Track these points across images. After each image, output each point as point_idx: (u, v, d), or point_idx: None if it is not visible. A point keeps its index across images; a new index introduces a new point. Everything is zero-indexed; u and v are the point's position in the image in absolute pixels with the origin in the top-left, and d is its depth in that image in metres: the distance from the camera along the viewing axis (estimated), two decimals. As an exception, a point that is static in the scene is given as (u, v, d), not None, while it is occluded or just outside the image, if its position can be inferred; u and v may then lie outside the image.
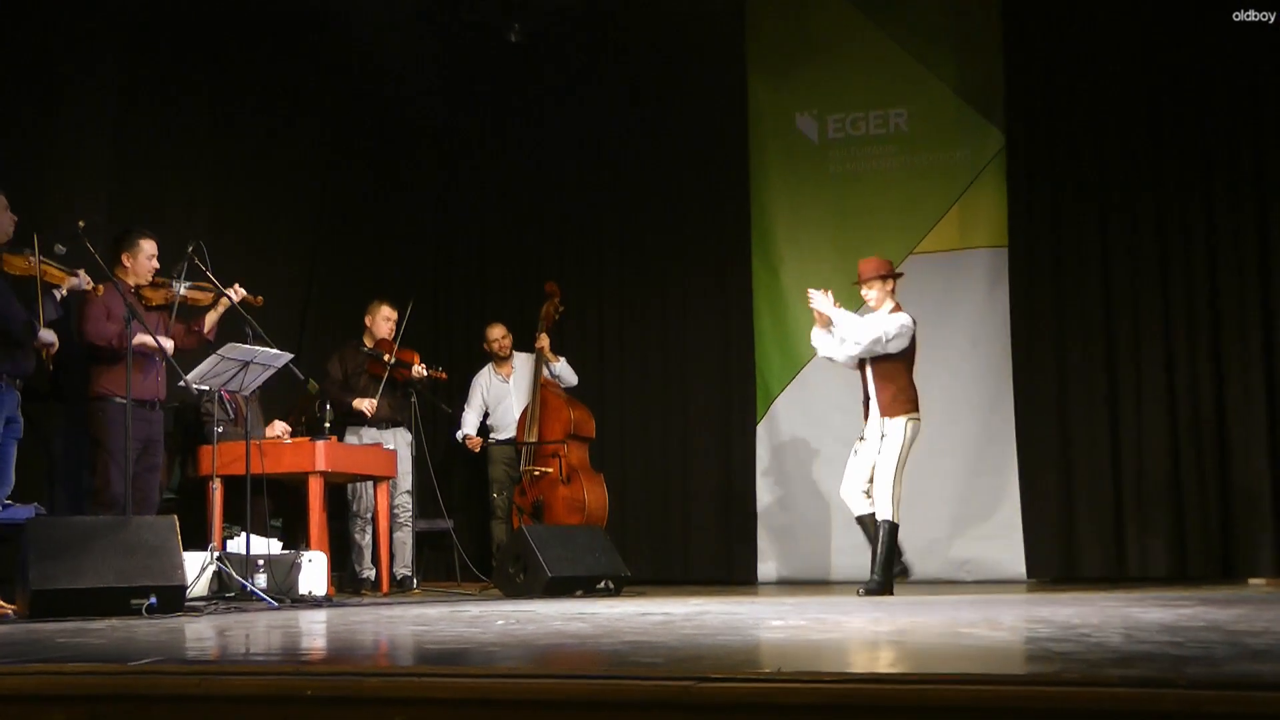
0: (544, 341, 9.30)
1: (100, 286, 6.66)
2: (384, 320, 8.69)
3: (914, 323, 7.35)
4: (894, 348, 7.27)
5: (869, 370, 7.34)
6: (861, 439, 7.37)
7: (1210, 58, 8.75)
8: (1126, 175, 8.98)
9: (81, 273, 6.47)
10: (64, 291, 6.46)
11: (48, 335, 6.31)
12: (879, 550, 7.14)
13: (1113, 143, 9.03)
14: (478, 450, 9.41)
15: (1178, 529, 8.62)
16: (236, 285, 7.16)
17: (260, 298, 7.26)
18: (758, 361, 9.82)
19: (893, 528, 7.15)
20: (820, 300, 7.48)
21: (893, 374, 7.28)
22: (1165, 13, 8.91)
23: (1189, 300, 8.75)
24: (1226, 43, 8.64)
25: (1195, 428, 8.65)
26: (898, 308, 7.39)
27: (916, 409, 7.29)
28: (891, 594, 7.03)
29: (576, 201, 10.38)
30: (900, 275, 7.60)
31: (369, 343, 8.66)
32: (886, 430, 7.22)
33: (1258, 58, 8.60)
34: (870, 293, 7.45)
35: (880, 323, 7.30)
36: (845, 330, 7.37)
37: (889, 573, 7.15)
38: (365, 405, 8.47)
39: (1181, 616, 4.55)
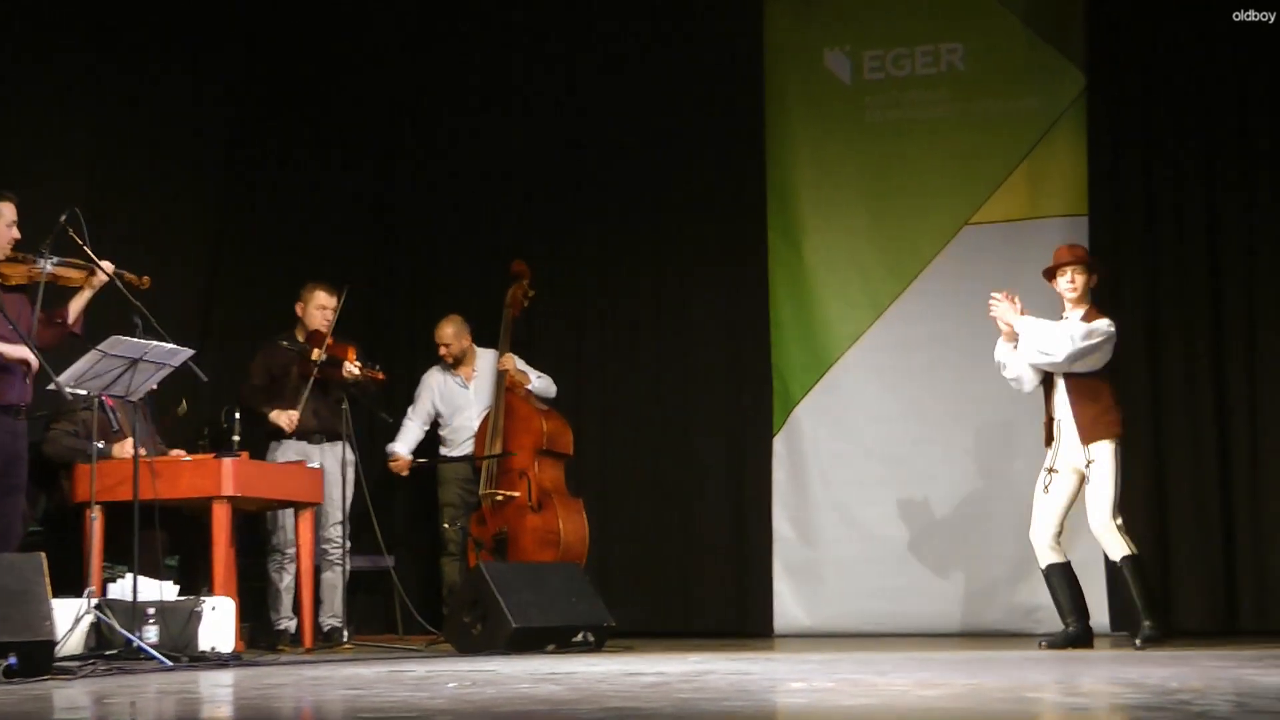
0: (509, 363, 9.25)
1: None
2: (317, 309, 8.63)
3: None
4: (1097, 361, 7.50)
5: (1062, 388, 7.53)
6: (1053, 471, 7.56)
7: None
8: (1239, 126, 8.96)
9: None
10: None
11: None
12: (1137, 591, 7.42)
13: (1222, 87, 8.99)
14: (405, 474, 9.37)
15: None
16: (109, 264, 7.12)
17: (147, 279, 7.19)
18: (775, 359, 9.78)
19: (1137, 559, 7.46)
20: (1004, 308, 7.62)
21: (1095, 391, 7.49)
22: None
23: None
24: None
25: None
26: (1094, 311, 7.57)
27: (1122, 429, 7.52)
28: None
29: (549, 163, 10.33)
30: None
31: (300, 336, 8.62)
32: (1094, 456, 7.43)
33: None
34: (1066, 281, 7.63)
35: (1074, 329, 7.47)
36: (1038, 341, 7.52)
37: (1158, 612, 7.46)
38: (284, 419, 8.44)
39: (1307, 679, 4.54)
